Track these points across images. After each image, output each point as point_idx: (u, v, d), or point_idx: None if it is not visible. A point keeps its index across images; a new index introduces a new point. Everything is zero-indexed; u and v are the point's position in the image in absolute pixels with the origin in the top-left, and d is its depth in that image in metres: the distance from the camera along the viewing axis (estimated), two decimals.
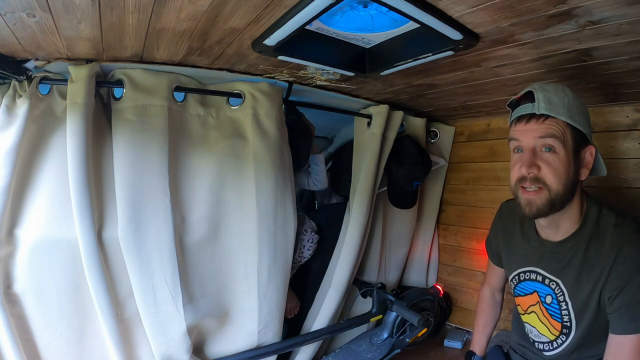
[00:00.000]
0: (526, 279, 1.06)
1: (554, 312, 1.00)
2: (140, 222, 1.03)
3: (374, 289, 1.53)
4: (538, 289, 1.03)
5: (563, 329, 0.99)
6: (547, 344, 1.04)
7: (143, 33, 0.84)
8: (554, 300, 0.99)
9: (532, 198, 0.87)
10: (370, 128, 1.50)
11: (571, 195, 0.88)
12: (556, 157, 0.85)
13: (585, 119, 0.88)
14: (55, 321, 1.00)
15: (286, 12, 0.76)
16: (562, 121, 0.84)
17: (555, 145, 0.84)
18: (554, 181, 0.85)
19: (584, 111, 0.87)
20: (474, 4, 0.72)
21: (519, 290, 1.09)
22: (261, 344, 1.27)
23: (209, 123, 1.17)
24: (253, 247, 1.21)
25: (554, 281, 0.98)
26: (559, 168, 0.84)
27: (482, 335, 1.29)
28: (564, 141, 0.84)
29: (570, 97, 0.86)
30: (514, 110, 0.91)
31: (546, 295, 1.01)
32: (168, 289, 1.07)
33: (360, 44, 1.03)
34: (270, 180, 1.21)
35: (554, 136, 0.84)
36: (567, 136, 0.85)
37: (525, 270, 1.05)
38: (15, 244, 0.96)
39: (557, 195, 0.85)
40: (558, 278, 0.97)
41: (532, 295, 1.05)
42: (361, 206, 1.47)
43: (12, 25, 0.75)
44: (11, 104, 0.93)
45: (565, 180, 0.85)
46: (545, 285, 1.00)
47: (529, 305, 1.06)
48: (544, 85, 0.88)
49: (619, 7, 0.71)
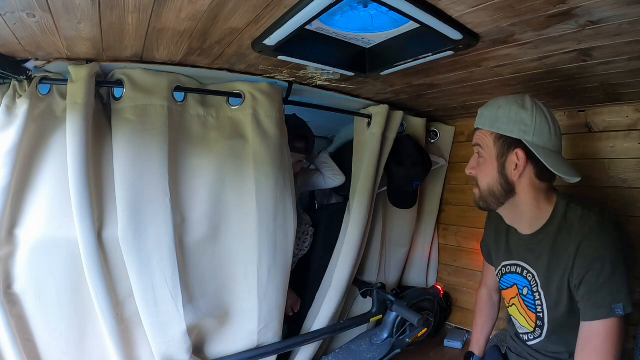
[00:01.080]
0: (508, 272, 1.13)
1: (529, 304, 1.06)
2: (140, 222, 1.03)
3: (374, 289, 1.53)
4: (517, 282, 1.10)
5: (537, 320, 1.04)
6: (529, 334, 1.10)
7: (143, 33, 0.84)
8: (529, 291, 1.05)
9: (473, 193, 1.06)
10: (370, 128, 1.50)
11: (507, 192, 0.99)
12: (482, 161, 1.01)
13: (522, 125, 0.95)
14: (55, 321, 0.99)
15: (286, 12, 0.76)
16: (487, 131, 0.99)
17: (480, 152, 1.01)
18: (481, 180, 1.02)
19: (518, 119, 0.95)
20: (474, 4, 0.72)
21: (503, 283, 1.16)
22: (261, 344, 1.27)
23: (209, 123, 1.17)
24: (253, 247, 1.21)
25: (530, 272, 1.06)
26: (484, 170, 1.01)
27: (480, 336, 1.33)
28: (487, 147, 0.99)
29: (502, 109, 0.98)
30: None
31: (523, 287, 1.08)
32: (168, 289, 1.07)
33: (360, 44, 1.03)
34: (270, 180, 1.21)
35: (477, 144, 1.02)
36: (490, 143, 0.99)
37: (508, 263, 1.13)
38: (15, 244, 0.96)
39: (486, 192, 1.01)
40: (533, 269, 1.04)
41: (513, 288, 1.12)
42: (361, 206, 1.47)
43: (12, 25, 0.75)
44: (11, 104, 0.93)
45: (490, 180, 1.00)
46: (523, 277, 1.08)
47: (511, 298, 1.14)
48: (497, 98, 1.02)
49: (619, 7, 0.71)
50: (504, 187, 0.98)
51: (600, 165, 1.39)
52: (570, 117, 1.47)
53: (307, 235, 1.49)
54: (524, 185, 0.98)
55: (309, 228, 1.50)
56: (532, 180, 0.98)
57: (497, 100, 1.01)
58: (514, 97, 1.00)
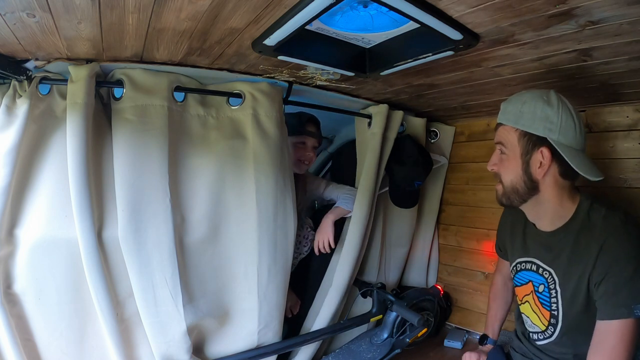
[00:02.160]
0: (523, 269, 1.12)
1: (544, 301, 1.05)
2: (140, 222, 1.03)
3: (374, 289, 1.53)
4: (533, 279, 1.09)
5: (551, 318, 1.03)
6: (540, 334, 1.09)
7: (143, 33, 0.84)
8: (545, 289, 1.04)
9: (496, 190, 1.04)
10: (370, 128, 1.50)
11: (531, 190, 0.98)
12: (506, 158, 0.99)
13: (547, 123, 0.93)
14: (55, 321, 0.99)
15: (286, 12, 0.76)
16: (511, 127, 0.97)
17: (504, 149, 0.99)
18: (505, 177, 1.00)
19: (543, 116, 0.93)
20: (474, 4, 0.72)
21: (517, 280, 1.15)
22: (261, 344, 1.27)
23: (209, 123, 1.17)
24: (253, 247, 1.21)
25: (547, 270, 1.04)
26: (507, 167, 0.99)
27: (494, 320, 1.36)
28: (511, 144, 0.97)
29: (527, 105, 0.95)
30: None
31: (539, 285, 1.06)
32: (168, 288, 1.07)
33: (360, 44, 1.03)
34: (270, 180, 1.21)
35: (500, 142, 1.00)
36: (513, 140, 0.97)
37: (523, 260, 1.13)
38: (15, 244, 0.96)
39: (509, 189, 1.00)
40: (550, 267, 1.03)
41: (527, 285, 1.11)
42: (362, 206, 1.47)
43: (12, 25, 0.75)
44: (11, 104, 0.93)
45: (513, 177, 0.98)
46: (539, 274, 1.06)
47: (524, 295, 1.13)
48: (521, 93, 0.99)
49: (619, 7, 0.71)
50: (527, 184, 0.97)
51: (600, 165, 1.38)
52: None
53: (307, 240, 1.47)
54: (548, 184, 0.97)
55: (310, 232, 1.49)
56: (556, 178, 0.97)
57: (522, 95, 0.98)
58: (539, 92, 0.97)
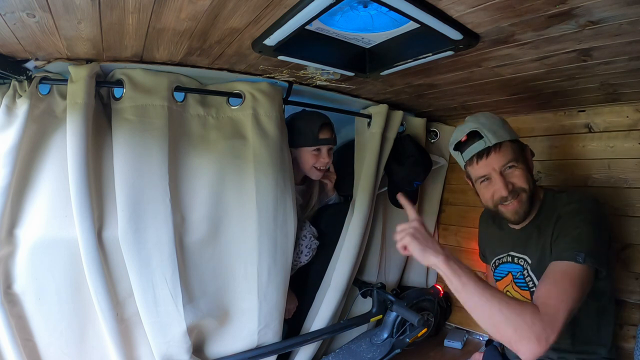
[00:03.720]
0: (500, 262, 1.22)
1: (522, 284, 1.13)
2: (140, 222, 1.03)
3: (374, 289, 1.53)
4: (511, 269, 1.18)
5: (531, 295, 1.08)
6: None
7: (143, 33, 0.84)
8: (521, 274, 1.13)
9: (516, 208, 1.06)
10: (370, 128, 1.50)
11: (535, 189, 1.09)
12: (518, 169, 1.04)
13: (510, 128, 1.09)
14: (55, 321, 0.99)
15: (286, 12, 0.76)
16: (508, 141, 1.04)
17: (514, 162, 1.04)
18: (525, 183, 1.04)
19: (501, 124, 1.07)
20: (474, 4, 0.72)
21: (497, 275, 1.23)
22: (261, 344, 1.27)
23: (209, 123, 1.17)
24: (253, 247, 1.21)
25: (522, 258, 1.14)
26: (524, 174, 1.05)
27: None
28: (517, 156, 1.05)
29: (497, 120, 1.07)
30: (466, 151, 1.08)
31: (517, 272, 1.16)
32: (168, 288, 1.07)
33: (360, 44, 1.03)
34: (270, 180, 1.21)
35: (511, 158, 1.04)
36: (516, 150, 1.06)
37: (500, 256, 1.22)
38: (15, 244, 0.96)
39: (531, 191, 1.06)
40: (524, 254, 1.13)
41: (507, 276, 1.19)
42: (362, 206, 1.47)
43: (12, 25, 0.75)
44: (11, 104, 0.93)
45: (530, 179, 1.06)
46: (515, 263, 1.16)
47: (505, 287, 1.20)
48: (478, 119, 1.08)
49: (619, 7, 0.71)
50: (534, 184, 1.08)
51: (600, 165, 1.39)
52: (570, 117, 1.47)
53: (310, 249, 1.44)
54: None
55: (314, 241, 1.45)
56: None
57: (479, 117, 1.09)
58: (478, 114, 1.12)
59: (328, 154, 1.47)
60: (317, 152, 1.44)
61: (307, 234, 1.43)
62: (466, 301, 0.85)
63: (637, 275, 1.29)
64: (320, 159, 1.45)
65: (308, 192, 1.62)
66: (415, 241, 0.89)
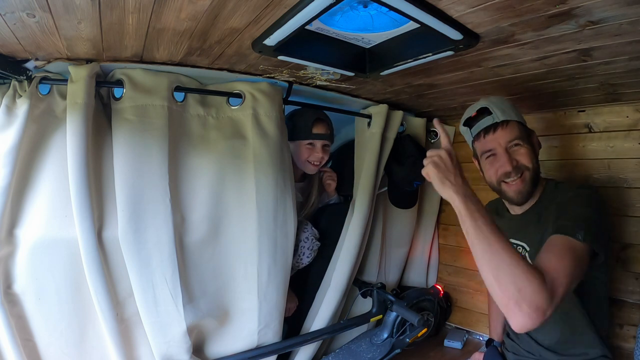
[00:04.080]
0: None
1: None
2: (140, 222, 1.03)
3: (374, 289, 1.53)
4: None
5: None
6: None
7: (143, 33, 0.84)
8: None
9: (519, 187, 1.07)
10: (370, 128, 1.50)
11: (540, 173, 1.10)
12: (523, 148, 1.06)
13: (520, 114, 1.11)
14: (55, 321, 0.99)
15: (286, 12, 0.76)
16: (515, 121, 1.07)
17: (520, 141, 1.06)
18: (529, 162, 1.06)
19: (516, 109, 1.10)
20: (474, 4, 0.72)
21: None
22: (261, 344, 1.27)
23: (209, 123, 1.17)
24: (253, 247, 1.21)
25: (520, 245, 1.14)
26: (529, 154, 1.06)
27: (497, 323, 1.41)
28: (522, 136, 1.07)
29: (508, 102, 1.10)
30: (474, 126, 1.11)
31: None
32: (168, 288, 1.07)
33: (360, 44, 1.03)
34: (270, 180, 1.21)
35: (515, 138, 1.06)
36: (522, 131, 1.07)
37: None
38: (15, 244, 0.96)
39: (535, 172, 1.07)
40: (522, 241, 1.13)
41: None
42: (362, 206, 1.47)
43: (12, 25, 0.75)
44: (11, 104, 0.93)
45: (534, 160, 1.07)
46: None
47: None
48: (489, 98, 1.11)
49: (619, 7, 0.71)
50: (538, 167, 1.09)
51: (600, 165, 1.39)
52: (570, 117, 1.47)
53: (311, 250, 1.44)
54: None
55: (315, 243, 1.45)
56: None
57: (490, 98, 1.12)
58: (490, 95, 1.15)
59: (323, 149, 1.48)
60: (310, 147, 1.46)
61: (309, 236, 1.43)
62: (474, 245, 0.80)
63: (637, 275, 1.29)
64: (314, 153, 1.46)
65: (307, 189, 1.62)
66: (436, 169, 0.85)
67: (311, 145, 1.46)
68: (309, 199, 1.61)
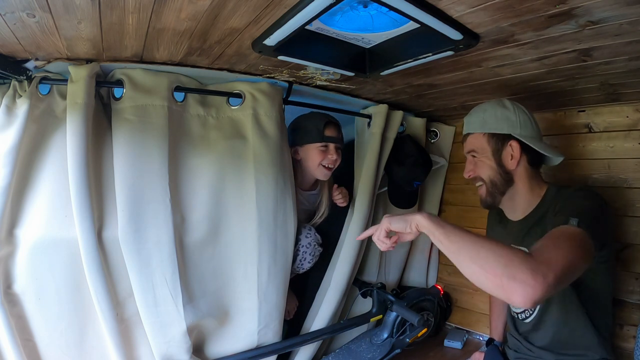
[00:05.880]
0: None
1: None
2: (140, 222, 1.03)
3: (374, 289, 1.53)
4: None
5: None
6: (522, 313, 1.19)
7: (143, 33, 0.84)
8: None
9: (482, 195, 1.17)
10: (370, 128, 1.50)
11: (507, 182, 1.13)
12: (479, 161, 1.15)
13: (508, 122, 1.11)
14: (55, 321, 0.99)
15: (286, 12, 0.76)
16: (478, 133, 1.14)
17: (476, 154, 1.15)
18: (484, 174, 1.14)
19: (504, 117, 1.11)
20: (474, 4, 0.72)
21: None
22: (261, 344, 1.27)
23: (209, 123, 1.17)
24: (253, 247, 1.21)
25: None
26: (482, 167, 1.14)
27: (498, 323, 1.43)
28: (481, 148, 1.14)
29: (488, 112, 1.14)
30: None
31: None
32: (168, 288, 1.07)
33: (360, 44, 1.03)
34: (270, 180, 1.21)
35: (472, 149, 1.16)
36: (483, 144, 1.13)
37: None
38: (15, 244, 0.96)
39: (489, 185, 1.14)
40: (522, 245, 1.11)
41: None
42: (361, 206, 1.47)
43: (12, 25, 0.75)
44: (11, 104, 0.93)
45: (491, 172, 1.13)
46: None
47: None
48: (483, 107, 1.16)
49: (619, 7, 0.71)
50: (503, 176, 1.12)
51: (600, 165, 1.39)
52: (570, 117, 1.47)
53: (313, 256, 1.41)
54: (520, 174, 1.13)
55: (318, 249, 1.43)
56: (526, 167, 1.12)
57: (481, 106, 1.17)
58: (494, 100, 1.16)
59: (337, 152, 1.43)
60: (324, 149, 1.40)
61: (312, 242, 1.40)
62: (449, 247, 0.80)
63: (637, 275, 1.29)
64: (327, 155, 1.40)
65: (318, 197, 1.57)
66: (392, 220, 0.92)
67: (325, 147, 1.40)
68: (320, 208, 1.54)
